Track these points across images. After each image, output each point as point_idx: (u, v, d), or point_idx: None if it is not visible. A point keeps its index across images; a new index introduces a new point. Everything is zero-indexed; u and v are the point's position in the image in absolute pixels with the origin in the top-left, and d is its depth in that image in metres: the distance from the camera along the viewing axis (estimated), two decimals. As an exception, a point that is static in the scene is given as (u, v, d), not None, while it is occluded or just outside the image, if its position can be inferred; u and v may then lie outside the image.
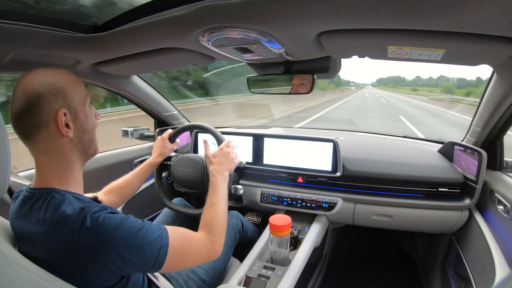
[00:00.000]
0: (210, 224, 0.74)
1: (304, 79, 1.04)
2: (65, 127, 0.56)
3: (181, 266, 0.64)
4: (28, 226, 0.54)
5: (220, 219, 0.77)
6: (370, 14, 0.55)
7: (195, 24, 0.68)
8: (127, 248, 0.53)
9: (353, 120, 8.19)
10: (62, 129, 0.56)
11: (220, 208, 0.80)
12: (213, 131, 1.11)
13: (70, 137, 0.58)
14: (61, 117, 0.55)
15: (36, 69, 0.58)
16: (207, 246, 0.69)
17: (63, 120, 0.56)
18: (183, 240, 0.64)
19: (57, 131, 0.56)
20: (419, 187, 1.15)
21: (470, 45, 0.61)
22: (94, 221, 0.51)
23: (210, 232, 0.72)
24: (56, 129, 0.56)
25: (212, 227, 0.73)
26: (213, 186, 0.86)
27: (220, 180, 0.88)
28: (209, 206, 0.80)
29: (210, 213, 0.77)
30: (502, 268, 0.86)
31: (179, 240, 0.62)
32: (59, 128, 0.56)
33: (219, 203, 0.81)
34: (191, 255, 0.65)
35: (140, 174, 1.03)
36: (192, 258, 0.65)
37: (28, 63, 0.90)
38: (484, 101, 1.01)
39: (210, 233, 0.71)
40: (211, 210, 0.78)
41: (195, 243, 0.67)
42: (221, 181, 0.88)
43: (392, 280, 1.53)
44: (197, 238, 0.68)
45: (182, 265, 0.64)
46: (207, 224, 0.74)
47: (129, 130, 1.57)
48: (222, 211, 0.79)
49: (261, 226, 1.44)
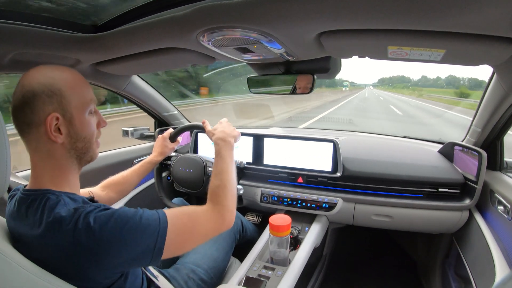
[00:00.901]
0: (215, 193, 0.70)
1: (304, 79, 1.04)
2: (55, 132, 0.54)
3: (188, 246, 0.62)
4: (24, 229, 0.53)
5: (227, 186, 0.72)
6: (370, 15, 0.55)
7: (195, 24, 0.68)
8: (120, 241, 0.52)
9: (353, 120, 8.16)
10: (50, 133, 0.54)
11: (227, 175, 0.75)
12: None
13: (59, 142, 0.55)
14: (51, 121, 0.53)
15: (41, 65, 0.56)
16: (215, 218, 0.66)
17: (54, 124, 0.54)
18: (184, 219, 0.61)
19: (46, 134, 0.54)
20: (419, 188, 1.15)
21: (470, 45, 0.61)
22: (87, 221, 0.50)
23: (217, 202, 0.68)
24: (46, 132, 0.54)
25: (218, 196, 0.70)
26: (217, 154, 0.81)
27: (223, 146, 0.82)
28: (214, 176, 0.76)
29: (215, 182, 0.73)
30: (502, 268, 0.86)
31: (180, 220, 0.60)
32: (47, 133, 0.54)
33: (225, 170, 0.76)
34: (197, 232, 0.62)
35: (139, 171, 1.03)
36: (199, 235, 0.63)
37: (28, 63, 0.90)
38: (484, 102, 1.01)
39: (217, 203, 0.68)
40: (216, 179, 0.74)
41: (199, 217, 0.64)
42: (225, 147, 0.82)
43: (392, 280, 1.53)
44: (201, 212, 0.65)
45: (189, 244, 0.62)
46: (213, 194, 0.71)
47: (129, 130, 1.57)
48: (229, 179, 0.75)
49: (261, 226, 1.44)
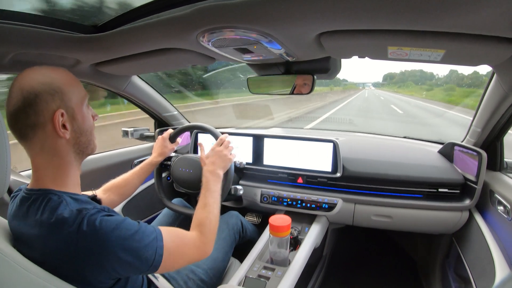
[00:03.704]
0: (202, 224, 0.74)
1: (304, 79, 1.04)
2: (62, 128, 0.55)
3: (175, 266, 0.65)
4: (25, 228, 0.53)
5: (212, 219, 0.77)
6: (370, 15, 0.55)
7: (195, 25, 0.68)
8: (124, 251, 0.53)
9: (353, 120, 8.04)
10: (59, 130, 0.55)
11: (212, 208, 0.80)
12: (212, 131, 1.11)
13: (67, 138, 0.57)
14: (58, 117, 0.54)
15: (33, 67, 0.56)
16: (200, 247, 0.70)
17: (60, 121, 0.55)
18: (177, 241, 0.64)
19: (54, 132, 0.55)
20: (419, 188, 1.15)
21: (470, 45, 0.61)
22: (91, 224, 0.51)
23: (202, 233, 0.72)
24: (53, 130, 0.55)
25: (204, 227, 0.74)
26: (204, 187, 0.86)
27: (212, 180, 0.88)
28: (200, 207, 0.80)
29: (202, 213, 0.77)
30: (502, 268, 0.86)
31: (173, 240, 0.63)
32: (56, 129, 0.54)
33: (211, 203, 0.81)
34: (185, 255, 0.66)
35: (140, 173, 1.03)
36: (185, 258, 0.66)
37: (28, 63, 0.89)
38: (484, 102, 1.01)
39: (202, 234, 0.72)
40: (203, 211, 0.78)
41: (188, 243, 0.68)
42: (213, 181, 0.88)
43: (392, 280, 1.52)
44: (190, 238, 0.69)
45: (176, 265, 0.65)
46: (199, 225, 0.74)
47: (129, 130, 1.57)
48: (214, 212, 0.80)
49: (261, 226, 1.44)
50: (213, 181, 0.88)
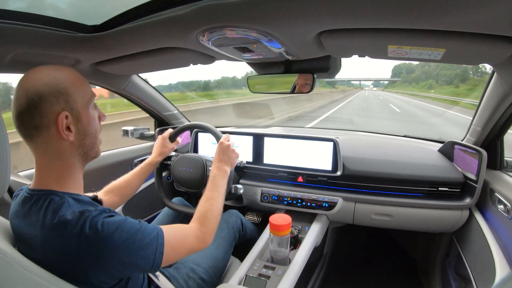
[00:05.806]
0: (204, 216, 0.75)
1: (304, 78, 1.04)
2: (66, 130, 0.55)
3: (176, 259, 0.66)
4: (26, 227, 0.53)
5: (215, 212, 0.78)
6: (370, 14, 0.55)
7: (195, 24, 0.68)
8: (126, 251, 0.53)
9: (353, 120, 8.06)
10: (62, 132, 0.54)
11: (216, 201, 0.81)
12: (212, 130, 1.11)
13: (71, 140, 0.56)
14: (62, 120, 0.54)
15: (39, 66, 0.56)
16: (199, 236, 0.71)
17: (64, 123, 0.54)
18: (178, 235, 0.66)
19: (58, 134, 0.54)
20: (419, 187, 1.15)
21: (470, 44, 0.61)
22: (94, 226, 0.51)
23: (203, 224, 0.74)
24: (57, 132, 0.54)
25: (205, 219, 0.75)
26: (210, 181, 0.88)
27: (218, 175, 0.89)
28: (205, 199, 0.81)
29: (205, 206, 0.79)
30: (502, 267, 0.86)
31: (174, 235, 0.64)
32: (60, 132, 0.54)
33: (215, 197, 0.82)
34: (185, 247, 0.67)
35: (140, 174, 1.03)
36: (186, 249, 0.67)
37: (28, 63, 0.90)
38: (484, 100, 1.01)
39: (203, 225, 0.73)
40: (207, 203, 0.80)
41: (189, 235, 0.69)
42: (219, 176, 0.89)
43: (392, 279, 1.53)
44: (190, 230, 0.71)
45: (177, 257, 0.66)
46: (201, 216, 0.75)
47: (129, 129, 1.57)
48: (218, 205, 0.81)
49: (261, 225, 1.44)
50: (219, 176, 0.89)
